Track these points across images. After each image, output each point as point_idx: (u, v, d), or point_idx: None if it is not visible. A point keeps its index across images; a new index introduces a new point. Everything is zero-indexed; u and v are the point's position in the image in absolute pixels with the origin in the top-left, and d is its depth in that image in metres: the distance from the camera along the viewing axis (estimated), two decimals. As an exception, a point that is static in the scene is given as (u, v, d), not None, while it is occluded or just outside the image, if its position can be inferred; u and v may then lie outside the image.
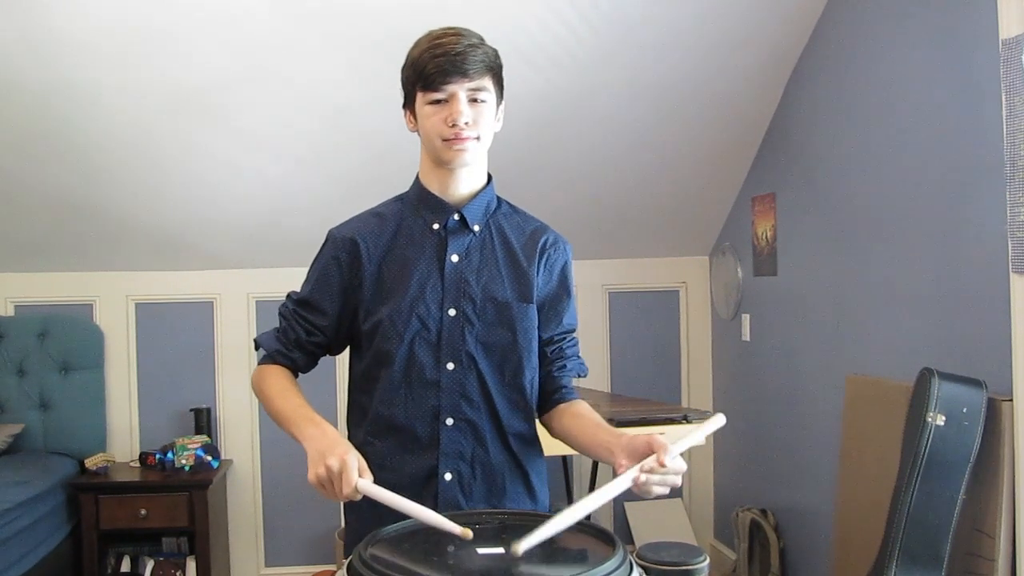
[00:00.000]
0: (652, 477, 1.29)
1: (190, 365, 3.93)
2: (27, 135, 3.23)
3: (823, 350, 3.18)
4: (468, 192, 1.58)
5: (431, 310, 1.54)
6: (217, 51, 2.98)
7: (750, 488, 3.78)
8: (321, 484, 1.32)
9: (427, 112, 1.50)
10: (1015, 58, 2.11)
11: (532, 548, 1.13)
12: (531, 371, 1.59)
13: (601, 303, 4.13)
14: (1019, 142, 2.10)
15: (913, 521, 2.22)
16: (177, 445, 3.64)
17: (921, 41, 2.58)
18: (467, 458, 1.54)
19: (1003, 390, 2.20)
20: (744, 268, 3.80)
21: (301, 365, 1.62)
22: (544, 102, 3.25)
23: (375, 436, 1.56)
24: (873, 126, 2.84)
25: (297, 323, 1.60)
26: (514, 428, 1.58)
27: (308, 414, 1.46)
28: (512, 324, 1.56)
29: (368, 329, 1.56)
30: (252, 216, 3.66)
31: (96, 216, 3.60)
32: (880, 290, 2.82)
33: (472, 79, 1.47)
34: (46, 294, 3.89)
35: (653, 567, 1.18)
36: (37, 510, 3.22)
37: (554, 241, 1.65)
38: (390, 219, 1.60)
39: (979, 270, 2.34)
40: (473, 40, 1.49)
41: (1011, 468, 2.15)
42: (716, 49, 3.16)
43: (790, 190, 3.42)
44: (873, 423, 2.68)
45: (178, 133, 3.27)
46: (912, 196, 2.64)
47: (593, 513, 1.28)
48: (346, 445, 1.36)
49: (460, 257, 1.57)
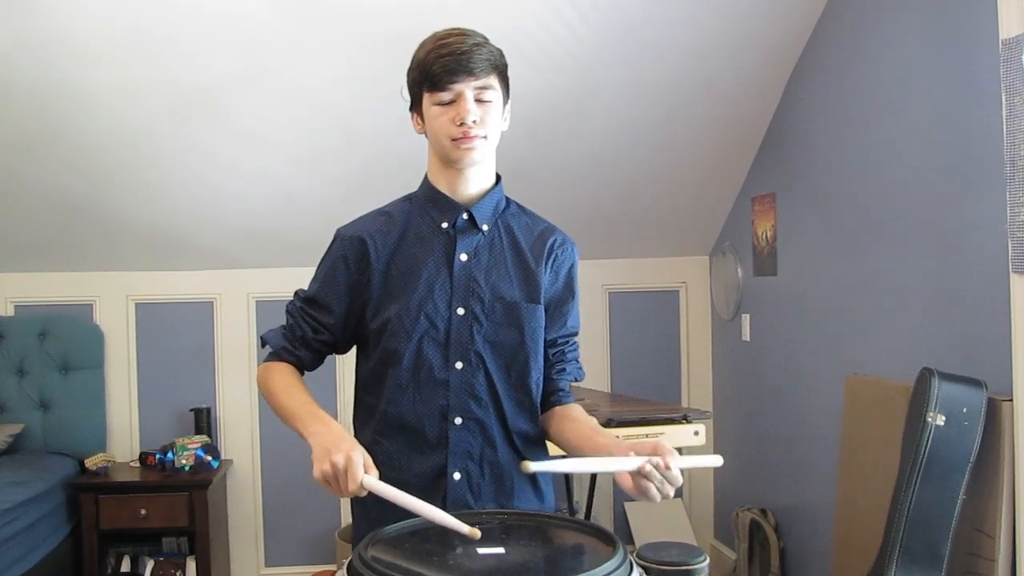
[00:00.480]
0: (655, 475, 1.30)
1: (190, 365, 3.93)
2: (27, 135, 3.23)
3: (823, 350, 3.19)
4: (477, 191, 1.58)
5: (439, 309, 1.54)
6: (217, 51, 2.98)
7: (750, 488, 3.78)
8: (326, 480, 1.32)
9: (434, 112, 1.50)
10: (1015, 58, 2.11)
11: (542, 471, 1.27)
12: (537, 372, 1.59)
13: (601, 303, 4.13)
14: (1019, 142, 2.11)
15: (913, 521, 2.22)
16: (177, 445, 3.64)
17: (921, 41, 2.58)
18: (476, 457, 1.54)
19: (1003, 390, 2.20)
20: (744, 268, 3.80)
21: (307, 363, 1.62)
22: (544, 102, 3.25)
23: (383, 436, 1.56)
24: (873, 126, 2.84)
25: (304, 321, 1.61)
26: (519, 428, 1.58)
27: (313, 410, 1.46)
28: (520, 324, 1.56)
29: (376, 328, 1.56)
30: (252, 216, 3.66)
31: (96, 216, 3.60)
32: (880, 290, 2.82)
33: (478, 78, 1.48)
34: (46, 294, 3.89)
35: (653, 567, 1.18)
36: (37, 510, 3.22)
37: (562, 242, 1.65)
38: (398, 218, 1.60)
39: (979, 270, 2.34)
40: (478, 39, 1.50)
41: (1011, 468, 2.15)
42: (716, 49, 3.16)
43: (790, 190, 3.42)
44: (873, 423, 2.68)
45: (178, 133, 3.27)
46: (912, 196, 2.64)
47: (593, 513, 1.29)
48: (351, 441, 1.36)
49: (469, 256, 1.57)
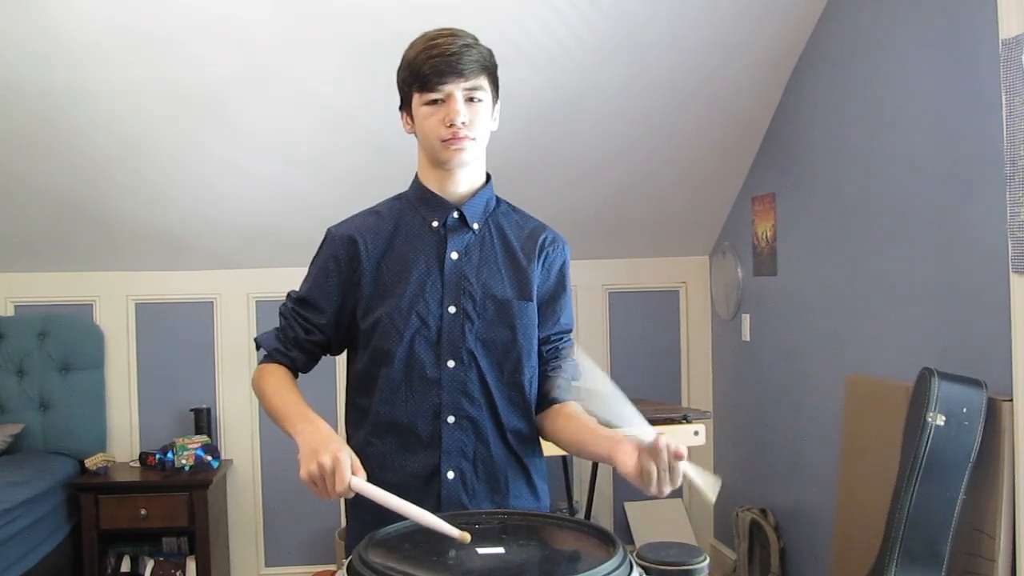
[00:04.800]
0: (663, 455, 1.26)
1: (190, 365, 3.93)
2: (27, 135, 3.23)
3: (823, 350, 3.18)
4: (467, 191, 1.59)
5: (431, 308, 1.54)
6: (217, 51, 2.98)
7: (750, 488, 3.78)
8: (313, 481, 1.31)
9: (424, 113, 1.50)
10: (1015, 58, 2.11)
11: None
12: (530, 370, 1.59)
13: (601, 303, 4.13)
14: (1019, 142, 2.10)
15: (913, 521, 2.22)
16: (177, 445, 3.64)
17: (921, 41, 2.58)
18: (469, 456, 1.54)
19: (1003, 390, 2.20)
20: (744, 268, 3.80)
21: (300, 364, 1.62)
22: (544, 102, 3.25)
23: (376, 436, 1.56)
24: (873, 126, 2.84)
25: (296, 322, 1.61)
26: (513, 426, 1.58)
27: (302, 410, 1.46)
28: (512, 322, 1.56)
29: (367, 327, 1.56)
30: (252, 216, 3.66)
31: (96, 216, 3.60)
32: (880, 290, 2.82)
33: (468, 79, 1.48)
34: (46, 294, 3.89)
35: (653, 567, 1.18)
36: (37, 510, 3.22)
37: (553, 240, 1.65)
38: (389, 217, 1.60)
39: (979, 270, 2.34)
40: (468, 40, 1.50)
41: (1011, 468, 2.15)
42: (716, 49, 3.16)
43: (790, 190, 3.42)
44: (873, 423, 2.68)
45: (178, 133, 3.27)
46: (912, 196, 2.64)
47: (593, 513, 1.28)
48: (339, 442, 1.35)
49: (460, 255, 1.57)
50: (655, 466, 1.28)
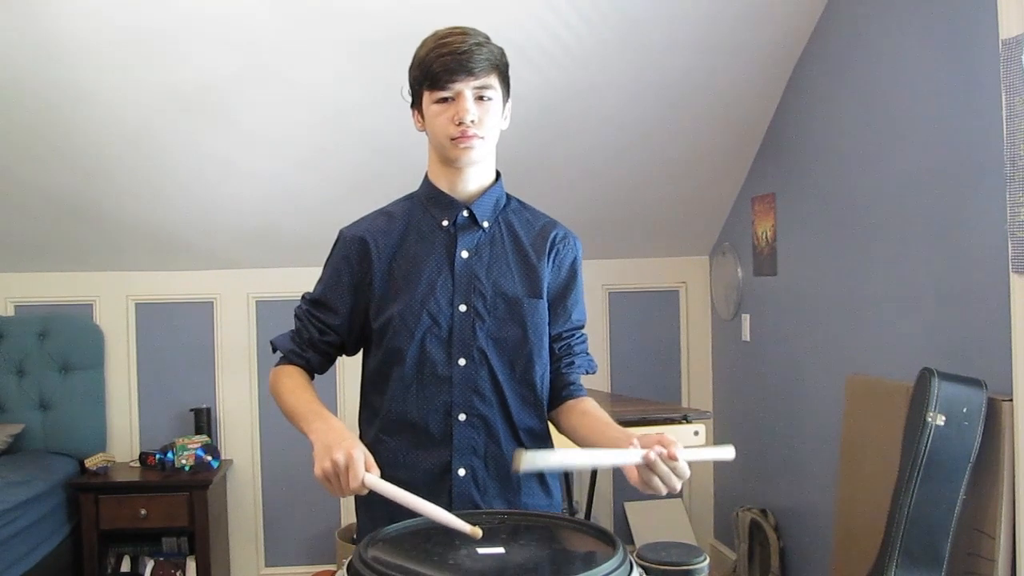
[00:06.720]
0: (659, 465, 1.28)
1: (190, 365, 3.93)
2: (27, 135, 3.23)
3: (823, 350, 3.18)
4: (477, 189, 1.59)
5: (442, 306, 1.54)
6: (217, 51, 2.98)
7: (750, 488, 3.78)
8: (327, 478, 1.32)
9: (434, 111, 1.50)
10: (1015, 58, 2.11)
11: (531, 470, 1.21)
12: (542, 367, 1.59)
13: (601, 303, 4.13)
14: (1019, 142, 2.11)
15: (913, 521, 2.22)
16: (177, 445, 3.64)
17: (921, 41, 2.58)
18: (480, 454, 1.55)
19: (1003, 390, 2.20)
20: (744, 268, 3.81)
21: (315, 365, 1.63)
22: (544, 102, 3.25)
23: (388, 434, 1.56)
24: (873, 126, 2.84)
25: (310, 323, 1.62)
26: (525, 424, 1.58)
27: (316, 409, 1.47)
28: (523, 319, 1.56)
29: (379, 327, 1.57)
30: (252, 216, 3.66)
31: (96, 216, 3.60)
32: (880, 290, 2.82)
33: (478, 77, 1.48)
34: (46, 294, 3.89)
35: (653, 567, 1.18)
36: (37, 510, 3.22)
37: (564, 236, 1.65)
38: (399, 217, 1.61)
39: (979, 270, 2.34)
40: (479, 39, 1.50)
41: (1011, 468, 2.15)
42: (716, 49, 3.16)
43: (790, 190, 3.42)
44: (873, 423, 2.68)
45: (178, 133, 3.27)
46: (912, 196, 2.64)
47: (593, 513, 1.28)
48: (353, 439, 1.36)
49: (470, 253, 1.57)
50: (656, 476, 1.29)
